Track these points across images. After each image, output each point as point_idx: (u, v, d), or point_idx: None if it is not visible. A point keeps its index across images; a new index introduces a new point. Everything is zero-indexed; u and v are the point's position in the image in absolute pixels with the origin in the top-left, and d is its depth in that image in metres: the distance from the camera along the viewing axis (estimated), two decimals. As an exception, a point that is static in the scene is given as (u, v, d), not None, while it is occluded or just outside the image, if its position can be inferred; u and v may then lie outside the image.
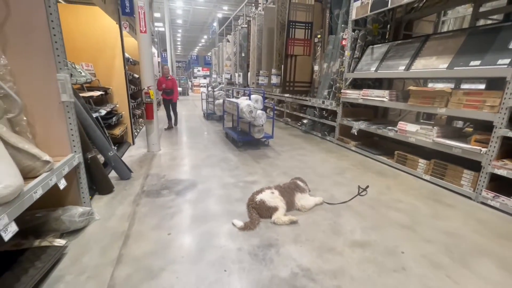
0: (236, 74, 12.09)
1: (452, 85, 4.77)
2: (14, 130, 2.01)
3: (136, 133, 5.78)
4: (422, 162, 3.78)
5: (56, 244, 1.95)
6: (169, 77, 6.74)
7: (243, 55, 11.17)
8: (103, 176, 2.96)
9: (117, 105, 4.65)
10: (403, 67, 4.13)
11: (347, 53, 5.31)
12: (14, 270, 1.65)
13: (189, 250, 2.08)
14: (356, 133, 4.98)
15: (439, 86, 4.09)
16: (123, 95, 4.77)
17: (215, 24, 19.16)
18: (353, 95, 5.09)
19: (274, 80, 7.85)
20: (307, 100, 6.76)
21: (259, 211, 2.54)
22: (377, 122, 5.03)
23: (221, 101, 6.40)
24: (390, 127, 4.34)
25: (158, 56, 12.57)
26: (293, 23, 6.44)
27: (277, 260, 1.98)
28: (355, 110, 5.54)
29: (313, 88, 7.08)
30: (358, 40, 5.32)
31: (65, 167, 2.08)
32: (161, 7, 15.85)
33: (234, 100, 5.47)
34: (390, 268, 1.92)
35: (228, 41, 13.75)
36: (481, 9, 4.44)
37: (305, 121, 6.97)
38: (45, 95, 2.17)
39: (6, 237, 1.37)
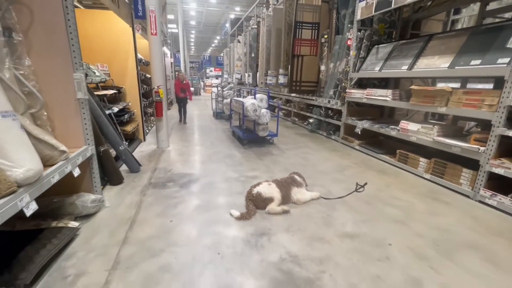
0: (246, 74, 12.29)
1: (458, 85, 4.73)
2: (36, 124, 2.26)
3: (147, 130, 6.07)
4: (423, 161, 3.80)
5: (70, 225, 2.18)
6: (184, 81, 7.86)
7: (253, 55, 11.35)
8: (114, 168, 3.20)
9: (130, 103, 4.93)
10: (406, 67, 4.16)
11: (352, 53, 5.36)
12: (34, 245, 1.88)
13: (188, 235, 2.26)
14: (359, 132, 5.03)
15: (452, 86, 4.07)
16: (135, 94, 5.05)
17: (227, 25, 19.49)
18: (357, 94, 5.14)
19: (282, 80, 7.97)
20: (313, 100, 6.84)
21: (255, 203, 2.69)
22: (382, 121, 5.05)
23: (228, 100, 6.59)
24: (392, 126, 4.37)
25: (171, 57, 12.97)
26: (300, 24, 6.54)
27: (268, 247, 2.12)
28: (361, 110, 5.57)
29: (319, 87, 7.14)
30: (364, 40, 5.35)
31: (79, 157, 2.31)
32: (174, 9, 16.31)
33: (240, 99, 5.64)
34: (375, 257, 2.02)
35: (239, 41, 13.97)
36: (489, 8, 4.38)
37: (311, 120, 7.05)
38: (63, 93, 2.41)
39: (28, 213, 1.59)
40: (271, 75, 8.78)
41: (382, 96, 4.45)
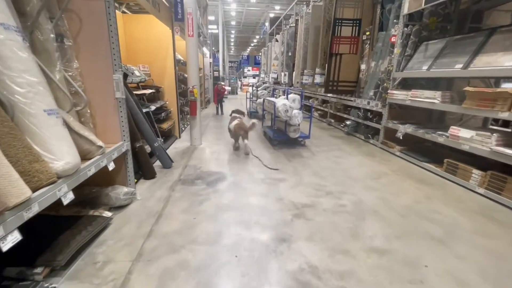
0: (282, 74, 12.16)
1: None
2: (80, 120, 2.50)
3: (183, 128, 6.37)
4: (476, 173, 3.32)
5: (104, 215, 2.37)
6: (222, 89, 10.17)
7: (289, 54, 11.19)
8: (147, 164, 3.41)
9: (167, 102, 5.22)
10: (461, 65, 3.67)
11: (396, 50, 4.93)
12: (72, 230, 2.09)
13: (209, 233, 2.29)
14: (401, 137, 4.60)
15: None
16: (172, 93, 5.33)
17: (266, 24, 19.53)
18: (400, 96, 4.71)
19: (318, 79, 7.71)
20: (351, 101, 6.48)
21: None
22: (429, 126, 4.55)
23: (261, 100, 6.58)
24: (440, 132, 3.91)
25: (210, 57, 13.44)
26: (339, 21, 6.22)
27: (287, 254, 2.04)
28: (404, 113, 5.10)
29: (358, 88, 6.73)
30: (411, 36, 4.88)
31: (114, 152, 2.50)
32: (215, 10, 16.86)
33: (272, 99, 5.59)
34: (405, 278, 1.81)
35: (277, 40, 13.88)
36: None
37: (348, 122, 6.68)
38: (104, 92, 2.63)
39: (65, 202, 1.76)
40: (308, 75, 8.55)
41: (430, 98, 4.00)
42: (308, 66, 8.62)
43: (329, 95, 7.47)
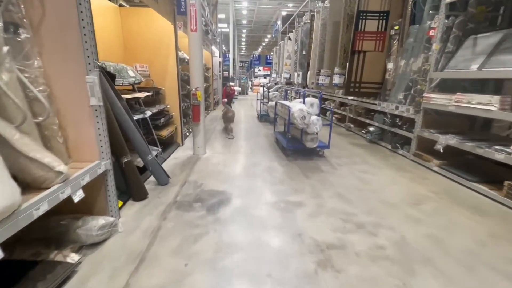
0: (295, 74, 11.46)
1: None
2: (43, 134, 1.96)
3: (187, 134, 5.81)
4: (553, 203, 2.56)
5: (68, 260, 1.81)
6: (231, 91, 9.92)
7: (304, 53, 10.47)
8: (137, 182, 2.85)
9: (168, 106, 4.66)
10: (527, 63, 2.91)
11: (435, 46, 4.16)
12: (16, 289, 1.53)
13: (202, 293, 1.68)
14: (441, 150, 3.84)
15: None
16: (174, 95, 4.77)
17: (279, 22, 18.83)
18: (440, 100, 3.95)
19: (337, 80, 6.97)
20: (375, 104, 5.73)
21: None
22: (473, 136, 3.78)
23: (273, 103, 5.94)
24: (497, 147, 3.14)
25: (219, 56, 12.90)
26: (364, 14, 5.49)
27: (312, 338, 1.40)
28: (442, 119, 4.33)
29: (384, 90, 5.96)
30: (453, 29, 4.11)
31: (85, 176, 1.93)
32: (226, 9, 16.32)
33: (286, 103, 4.93)
34: None
35: (290, 39, 13.17)
36: None
37: (371, 128, 5.93)
38: (76, 98, 2.07)
39: (-17, 266, 1.19)
40: (324, 75, 7.83)
41: (483, 105, 3.24)
42: (325, 66, 7.90)
43: (350, 97, 6.74)
